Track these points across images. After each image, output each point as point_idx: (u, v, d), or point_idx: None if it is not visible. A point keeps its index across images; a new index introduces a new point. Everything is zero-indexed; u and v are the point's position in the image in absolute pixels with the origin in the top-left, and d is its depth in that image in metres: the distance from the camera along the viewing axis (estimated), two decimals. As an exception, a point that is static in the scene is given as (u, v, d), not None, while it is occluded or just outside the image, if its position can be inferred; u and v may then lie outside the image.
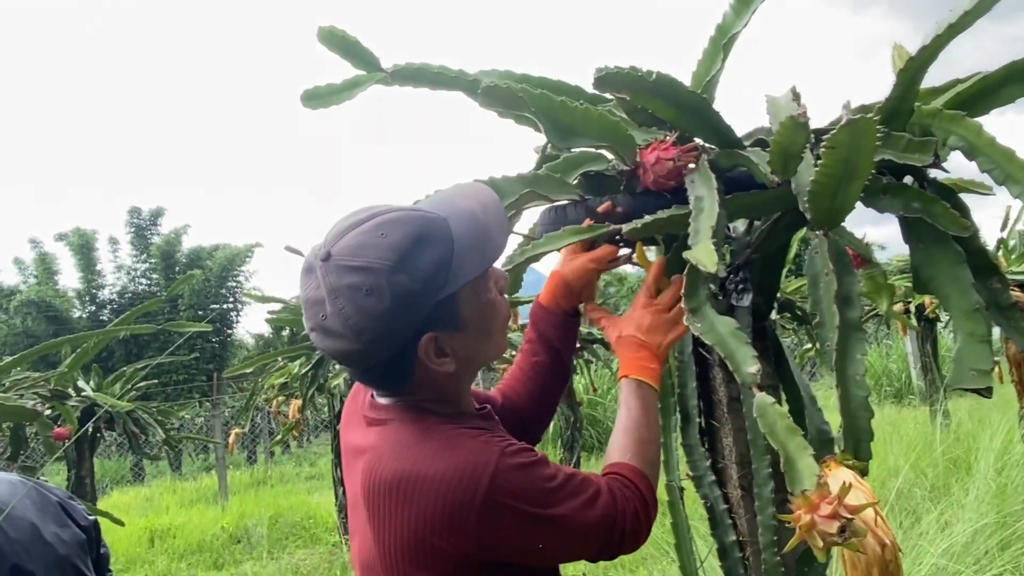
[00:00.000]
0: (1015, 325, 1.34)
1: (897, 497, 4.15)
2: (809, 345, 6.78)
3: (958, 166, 1.36)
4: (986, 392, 1.24)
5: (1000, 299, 1.35)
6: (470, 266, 1.09)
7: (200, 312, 23.40)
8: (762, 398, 1.06)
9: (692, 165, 1.27)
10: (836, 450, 1.14)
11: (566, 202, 1.47)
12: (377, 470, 1.07)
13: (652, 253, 1.61)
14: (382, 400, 1.17)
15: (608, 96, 1.41)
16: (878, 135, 1.22)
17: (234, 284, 26.53)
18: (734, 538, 1.60)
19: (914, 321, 7.17)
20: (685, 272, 1.21)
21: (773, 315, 3.71)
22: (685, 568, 1.75)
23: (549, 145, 1.61)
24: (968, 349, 1.24)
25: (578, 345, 5.04)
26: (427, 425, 1.09)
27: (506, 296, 1.22)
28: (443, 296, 1.06)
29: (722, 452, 1.65)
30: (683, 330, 1.31)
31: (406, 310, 1.04)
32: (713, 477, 1.64)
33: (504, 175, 1.34)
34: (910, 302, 7.17)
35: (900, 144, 1.22)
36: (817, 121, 1.35)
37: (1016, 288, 3.60)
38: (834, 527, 0.89)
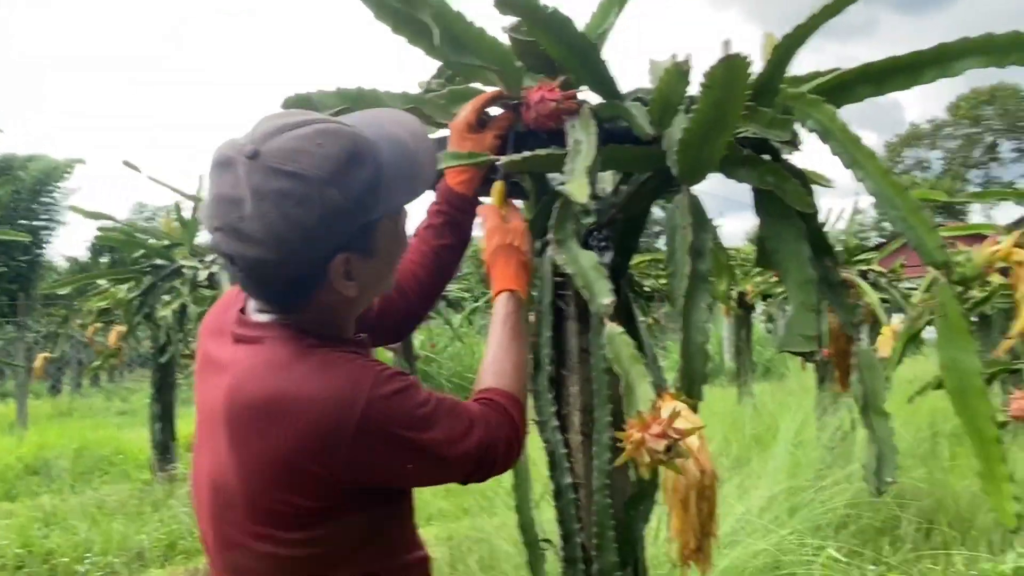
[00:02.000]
0: (841, 301, 1.49)
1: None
2: (645, 318, 7.14)
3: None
4: (809, 356, 1.37)
5: (831, 276, 1.49)
6: (398, 194, 1.07)
7: (9, 227, 21.25)
8: (612, 327, 1.12)
9: (573, 110, 1.31)
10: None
11: (441, 135, 1.47)
12: (246, 388, 1.03)
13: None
14: (260, 317, 1.10)
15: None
16: (745, 108, 1.31)
17: (49, 200, 24.27)
18: (570, 480, 1.68)
19: (735, 306, 7.70)
20: (558, 206, 1.25)
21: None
22: (520, 507, 1.82)
23: (434, 80, 1.60)
24: (799, 316, 1.36)
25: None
26: (304, 347, 1.05)
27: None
28: (367, 219, 1.04)
29: (567, 400, 1.73)
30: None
31: (331, 226, 1.00)
32: (557, 423, 1.71)
33: (388, 91, 1.32)
34: (733, 289, 7.69)
35: (765, 119, 1.31)
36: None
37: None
38: (662, 445, 0.95)
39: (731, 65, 1.04)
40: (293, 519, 1.03)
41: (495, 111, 1.46)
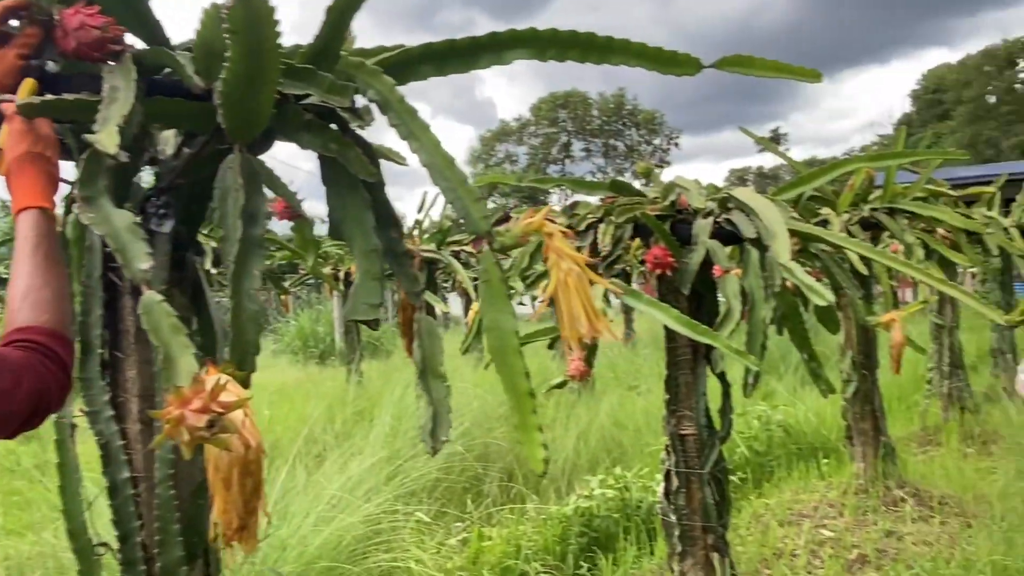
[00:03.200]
0: (406, 271, 1.53)
1: (306, 442, 4.47)
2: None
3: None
4: (373, 324, 1.39)
5: (396, 247, 1.52)
6: None
7: None
8: (149, 296, 1.01)
9: (119, 42, 1.15)
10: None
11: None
12: None
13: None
14: None
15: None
16: (303, 71, 1.27)
17: None
18: (127, 475, 1.51)
19: (342, 286, 7.77)
20: (84, 158, 1.09)
21: (210, 268, 3.61)
22: (69, 511, 1.60)
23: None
24: (364, 285, 1.37)
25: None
26: None
27: None
28: None
29: (124, 385, 1.55)
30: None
31: None
32: (112, 412, 1.53)
33: None
34: (340, 268, 7.76)
35: (324, 84, 1.29)
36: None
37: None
38: (203, 421, 0.89)
39: (249, 5, 0.98)
40: None
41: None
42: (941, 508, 4.30)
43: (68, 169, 1.33)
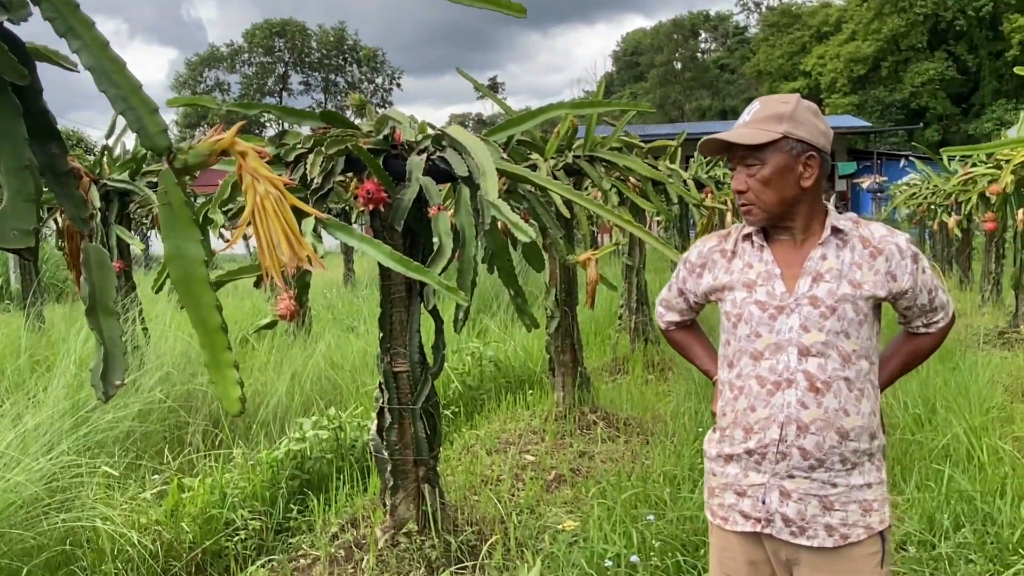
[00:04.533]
0: (70, 192, 1.32)
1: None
2: None
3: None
4: (27, 253, 1.19)
5: (57, 164, 1.31)
6: None
7: None
8: None
9: None
10: None
11: None
12: None
13: None
14: None
15: None
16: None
17: None
18: None
19: None
20: None
21: None
22: None
23: None
24: (14, 207, 1.16)
25: None
26: None
27: None
28: None
29: None
30: None
31: None
32: None
33: None
34: None
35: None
36: None
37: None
38: None
39: None
40: None
41: None
42: (626, 428, 4.80)
43: None
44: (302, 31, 47.60)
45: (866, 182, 27.93)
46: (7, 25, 1.28)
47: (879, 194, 26.60)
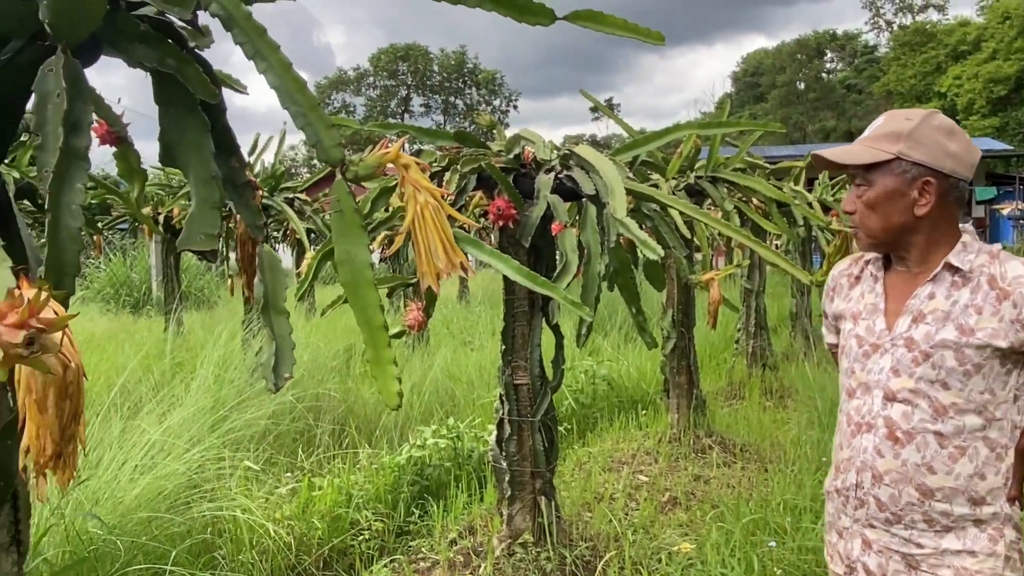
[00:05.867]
0: (247, 202, 1.46)
1: (121, 392, 4.19)
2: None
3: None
4: (211, 255, 1.32)
5: (236, 177, 1.45)
6: None
7: None
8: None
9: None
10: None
11: None
12: None
13: None
14: None
15: None
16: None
17: None
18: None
19: (162, 230, 7.27)
20: None
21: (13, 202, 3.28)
22: None
23: None
24: (201, 213, 1.29)
25: None
26: None
27: None
28: None
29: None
30: None
31: None
32: None
33: None
34: (160, 211, 7.25)
35: (164, -7, 1.19)
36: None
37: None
38: (19, 337, 0.81)
39: None
40: None
41: None
42: (743, 454, 4.70)
43: None
44: (424, 55, 49.17)
45: (1006, 208, 26.23)
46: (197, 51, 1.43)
47: (1021, 221, 24.94)
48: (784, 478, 4.11)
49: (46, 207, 1.02)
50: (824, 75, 55.78)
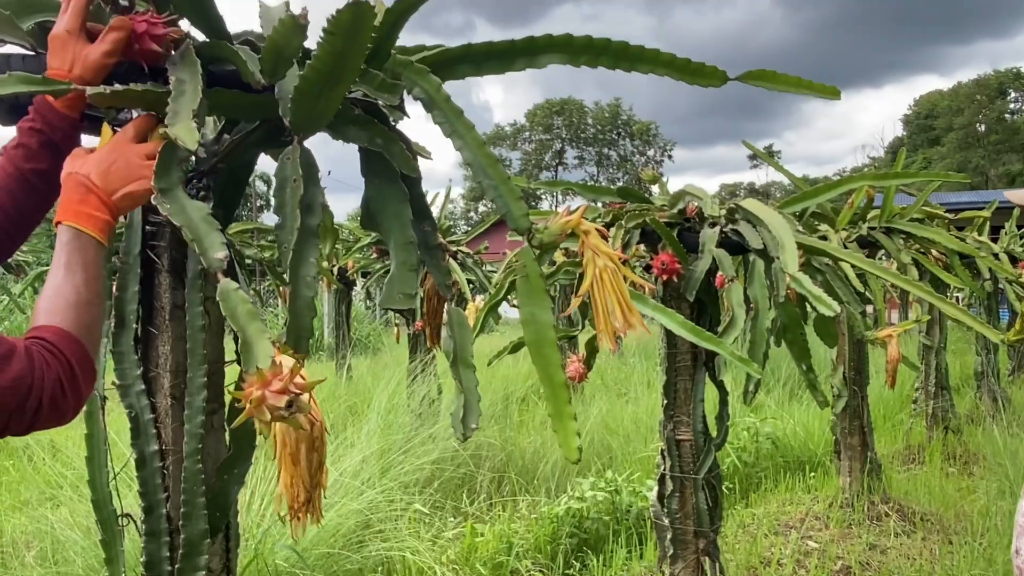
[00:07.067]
0: (438, 263, 1.58)
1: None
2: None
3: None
4: (409, 313, 1.44)
5: (429, 240, 1.57)
6: None
7: None
8: (226, 283, 1.05)
9: (179, 40, 1.21)
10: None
11: (13, 52, 1.25)
12: None
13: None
14: None
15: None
16: (360, 70, 1.32)
17: None
18: (156, 447, 1.55)
19: (337, 281, 7.78)
20: (160, 151, 1.14)
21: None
22: (95, 482, 1.64)
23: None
24: (400, 276, 1.42)
25: None
26: None
27: None
28: None
29: (156, 360, 1.59)
30: (145, 186, 1.17)
31: None
32: (143, 386, 1.57)
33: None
34: (334, 263, 7.77)
35: (375, 81, 1.34)
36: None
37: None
38: (283, 401, 0.93)
39: (358, 10, 1.04)
40: None
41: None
42: (923, 524, 4.38)
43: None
44: (579, 109, 50.11)
45: None
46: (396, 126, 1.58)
47: None
48: (972, 551, 3.79)
49: (289, 281, 1.17)
50: (1007, 116, 51.82)
